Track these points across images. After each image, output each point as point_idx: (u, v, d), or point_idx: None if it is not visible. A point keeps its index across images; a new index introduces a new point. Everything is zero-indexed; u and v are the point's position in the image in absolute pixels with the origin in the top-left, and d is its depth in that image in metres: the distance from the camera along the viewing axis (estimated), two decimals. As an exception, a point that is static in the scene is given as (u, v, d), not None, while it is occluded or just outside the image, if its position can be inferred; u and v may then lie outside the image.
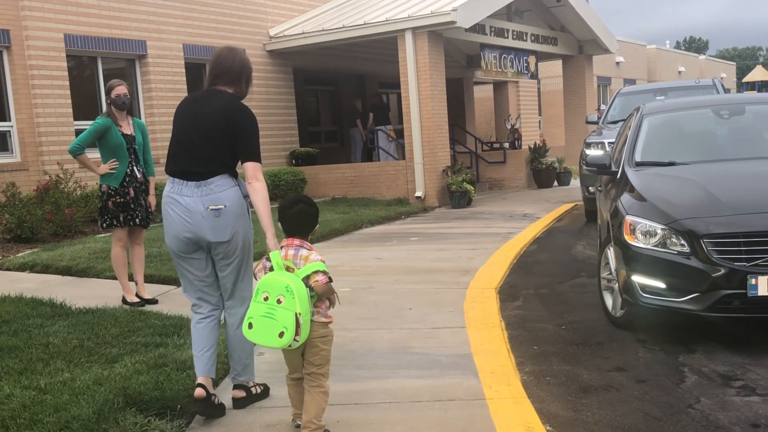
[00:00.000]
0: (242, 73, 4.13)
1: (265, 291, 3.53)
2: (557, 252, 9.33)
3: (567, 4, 18.09)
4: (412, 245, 9.95)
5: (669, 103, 7.41)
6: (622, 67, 31.80)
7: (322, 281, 3.54)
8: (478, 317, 6.01)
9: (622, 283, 5.39)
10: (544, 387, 4.48)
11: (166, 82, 14.07)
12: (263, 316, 3.50)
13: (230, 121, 3.95)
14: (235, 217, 3.96)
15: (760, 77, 44.21)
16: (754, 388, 4.27)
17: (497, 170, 18.70)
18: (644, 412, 4.02)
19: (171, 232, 4.02)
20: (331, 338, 3.70)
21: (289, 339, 3.43)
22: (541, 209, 13.41)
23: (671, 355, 4.95)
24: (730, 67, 50.31)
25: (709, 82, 12.62)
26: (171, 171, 4.07)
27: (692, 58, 43.34)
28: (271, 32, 16.14)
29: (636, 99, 13.01)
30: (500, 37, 16.70)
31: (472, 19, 14.44)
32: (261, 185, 3.89)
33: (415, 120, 14.56)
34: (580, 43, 20.01)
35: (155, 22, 13.90)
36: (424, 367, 4.79)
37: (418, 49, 14.36)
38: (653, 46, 36.59)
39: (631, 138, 6.58)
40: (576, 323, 5.91)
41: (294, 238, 3.66)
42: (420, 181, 14.73)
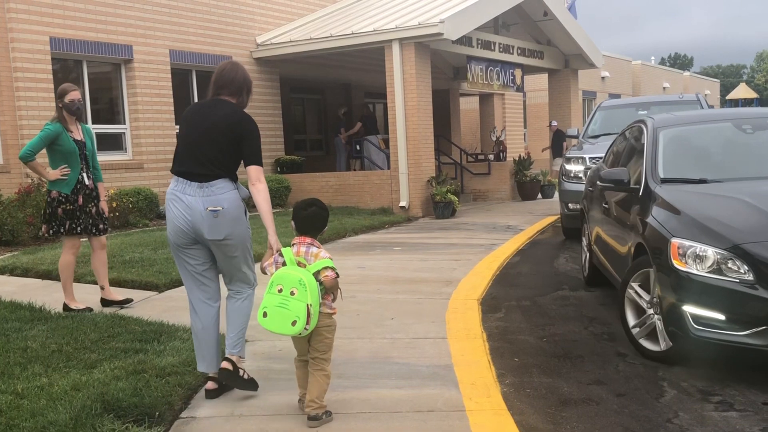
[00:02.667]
0: (243, 86, 4.51)
1: (279, 284, 3.88)
2: (540, 264, 9.35)
3: (554, 18, 18.22)
4: (395, 255, 9.94)
5: (682, 116, 6.91)
6: (608, 81, 32.04)
7: (331, 276, 3.93)
8: (459, 328, 6.01)
9: (667, 314, 4.82)
10: (524, 399, 4.48)
11: (152, 87, 14.03)
12: (277, 306, 3.85)
13: (235, 128, 4.30)
14: (231, 218, 4.27)
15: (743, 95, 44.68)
16: (732, 403, 4.29)
17: (482, 182, 18.76)
18: (623, 426, 4.02)
19: (172, 227, 4.36)
20: (334, 328, 4.08)
21: (300, 327, 3.80)
22: (524, 221, 13.45)
23: (651, 369, 4.97)
24: (714, 84, 50.80)
25: (693, 98, 12.66)
26: (176, 171, 4.38)
27: (677, 75, 43.74)
28: (259, 40, 16.15)
29: (617, 113, 13.05)
30: (487, 50, 16.79)
31: (459, 31, 14.51)
32: (263, 187, 4.27)
33: (400, 130, 14.59)
34: (566, 57, 20.14)
35: (142, 27, 13.86)
36: (404, 377, 4.78)
37: (405, 59, 14.40)
38: (638, 62, 36.91)
39: (650, 152, 6.02)
40: (557, 336, 5.92)
41: (305, 236, 4.06)
42: (404, 191, 14.75)
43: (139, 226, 12.53)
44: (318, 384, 4.00)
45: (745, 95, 44.49)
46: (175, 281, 7.82)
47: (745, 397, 4.37)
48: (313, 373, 4.02)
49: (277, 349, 5.37)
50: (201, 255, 4.42)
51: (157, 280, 7.76)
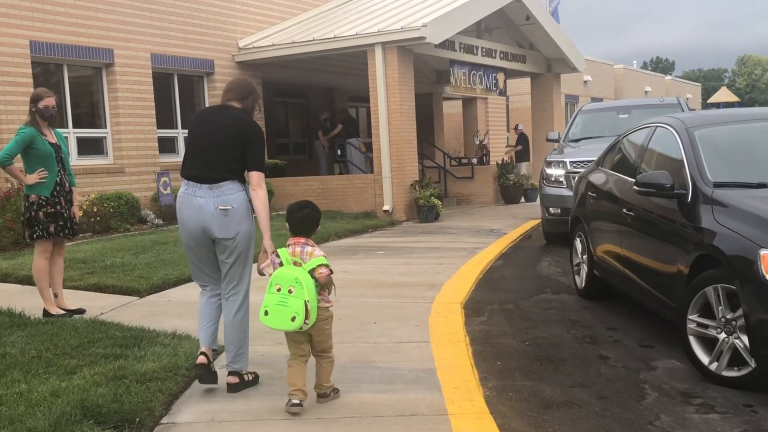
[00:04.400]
0: (248, 90, 4.78)
1: (278, 283, 4.14)
2: (523, 268, 9.37)
3: (536, 22, 18.30)
4: (378, 259, 9.93)
5: (709, 115, 6.45)
6: (590, 85, 32.20)
7: (325, 273, 4.19)
8: (442, 332, 6.01)
9: (758, 333, 4.35)
10: (506, 403, 4.48)
11: (133, 91, 13.95)
12: (277, 305, 4.11)
13: (242, 133, 4.54)
14: (240, 217, 4.51)
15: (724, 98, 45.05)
16: (713, 405, 4.31)
17: (465, 185, 18.79)
18: (605, 429, 4.03)
19: (185, 228, 4.60)
20: (331, 318, 4.37)
21: (300, 322, 4.08)
22: (507, 225, 13.48)
23: (632, 372, 4.98)
24: (696, 88, 51.15)
25: (674, 101, 12.73)
26: (186, 175, 4.61)
27: (659, 79, 44.02)
28: (241, 43, 16.10)
29: (598, 117, 13.10)
30: (470, 54, 16.83)
31: (442, 35, 14.53)
32: (263, 192, 4.53)
33: (384, 134, 14.59)
34: (549, 61, 20.22)
35: (123, 31, 13.78)
36: (387, 381, 4.77)
37: (387, 63, 14.41)
38: (620, 66, 37.12)
39: (690, 154, 5.49)
40: (540, 339, 5.93)
41: (299, 236, 4.30)
42: (388, 194, 14.74)
43: (120, 230, 12.45)
44: (324, 370, 4.36)
45: (726, 99, 44.87)
46: (156, 286, 7.78)
47: (726, 399, 4.39)
48: (319, 361, 4.35)
49: (258, 354, 5.34)
50: (211, 254, 4.65)
51: (138, 285, 7.70)
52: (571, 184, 10.83)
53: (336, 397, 4.41)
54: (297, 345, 4.30)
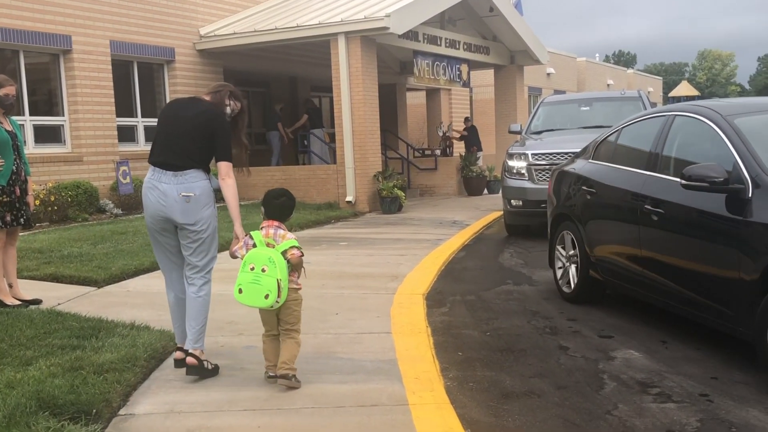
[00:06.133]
0: (220, 85, 4.98)
1: (251, 263, 4.35)
2: (485, 259, 9.42)
3: (499, 14, 18.36)
4: (341, 250, 9.91)
5: (740, 103, 5.91)
6: (553, 78, 32.43)
7: (297, 254, 4.40)
8: (404, 323, 6.01)
9: None
10: (467, 393, 4.50)
11: (92, 79, 13.71)
12: (251, 283, 4.32)
13: (209, 124, 4.69)
14: (202, 205, 4.65)
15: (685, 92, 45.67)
16: (670, 395, 4.37)
17: (428, 177, 18.82)
18: (564, 418, 4.07)
19: (149, 212, 4.73)
20: (300, 301, 4.54)
21: (272, 300, 4.28)
22: (470, 216, 13.53)
23: (591, 362, 5.03)
24: (657, 82, 51.79)
25: (635, 94, 12.86)
26: (153, 162, 4.74)
27: (621, 72, 44.49)
28: (202, 31, 15.91)
29: (560, 109, 13.18)
30: (433, 45, 16.83)
31: (406, 25, 14.51)
32: (232, 182, 4.71)
33: (346, 124, 14.54)
34: (512, 53, 20.32)
35: (81, 17, 13.53)
36: (348, 372, 4.76)
37: (350, 53, 14.35)
38: (583, 59, 37.42)
39: (738, 144, 4.95)
40: (501, 330, 5.96)
41: (273, 220, 4.52)
42: (351, 185, 14.71)
43: (79, 220, 12.25)
44: (289, 349, 4.45)
45: (687, 93, 45.48)
46: (114, 276, 7.68)
47: (683, 389, 4.45)
48: (285, 340, 4.47)
49: (218, 345, 5.30)
50: (175, 238, 4.78)
51: (96, 276, 7.59)
52: (533, 176, 10.91)
53: (297, 385, 4.44)
54: (270, 322, 4.53)
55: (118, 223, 11.88)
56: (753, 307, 4.45)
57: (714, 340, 5.38)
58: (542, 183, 10.74)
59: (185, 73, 15.60)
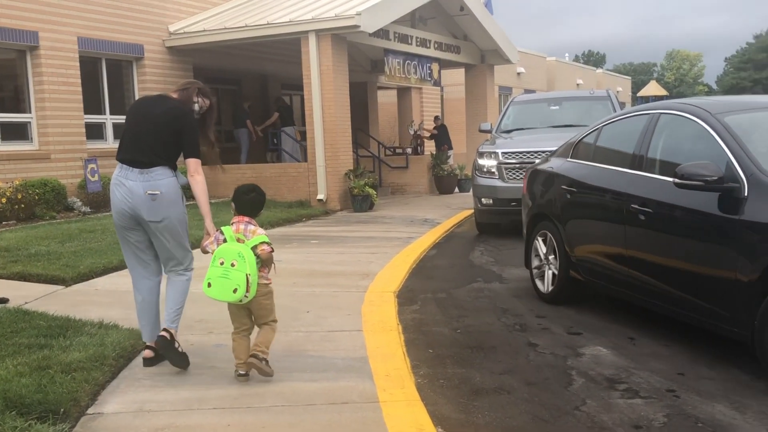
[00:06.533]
0: (188, 83, 5.01)
1: (221, 257, 4.38)
2: (455, 257, 9.46)
3: (470, 13, 18.42)
4: (312, 248, 9.89)
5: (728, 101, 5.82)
6: (523, 77, 32.61)
7: (267, 250, 4.45)
8: (375, 321, 6.02)
9: None
10: (437, 390, 4.52)
11: (60, 75, 13.53)
12: (220, 277, 4.35)
13: (176, 122, 4.71)
14: (168, 202, 4.67)
15: (653, 92, 46.18)
16: (638, 390, 4.43)
17: (400, 175, 18.85)
18: (533, 414, 4.10)
19: (116, 210, 4.75)
20: (272, 294, 4.62)
21: (240, 294, 4.31)
22: (441, 215, 13.58)
23: (560, 358, 5.08)
24: (626, 81, 52.28)
25: (604, 93, 12.99)
26: (120, 159, 4.75)
27: (590, 72, 44.84)
28: (171, 28, 15.77)
29: (530, 108, 13.27)
30: (404, 43, 16.85)
31: (376, 24, 14.50)
32: (201, 178, 4.74)
33: (317, 122, 14.51)
34: (483, 52, 20.40)
35: (49, 13, 13.35)
36: (319, 370, 4.76)
37: (321, 51, 14.31)
38: (553, 58, 37.67)
39: (730, 142, 4.87)
40: (471, 327, 5.99)
41: (244, 216, 4.55)
42: (322, 183, 14.68)
43: (46, 218, 12.09)
44: (266, 335, 4.56)
45: (656, 92, 45.99)
46: (82, 275, 7.59)
47: (650, 385, 4.51)
48: (262, 327, 4.58)
49: (189, 343, 5.26)
50: (142, 235, 4.79)
51: (63, 274, 7.50)
52: (503, 174, 10.97)
53: (267, 369, 4.49)
54: (239, 319, 4.56)
55: (86, 221, 11.75)
56: (750, 308, 4.37)
57: (681, 337, 5.45)
58: (512, 181, 10.81)
59: (154, 71, 15.46)
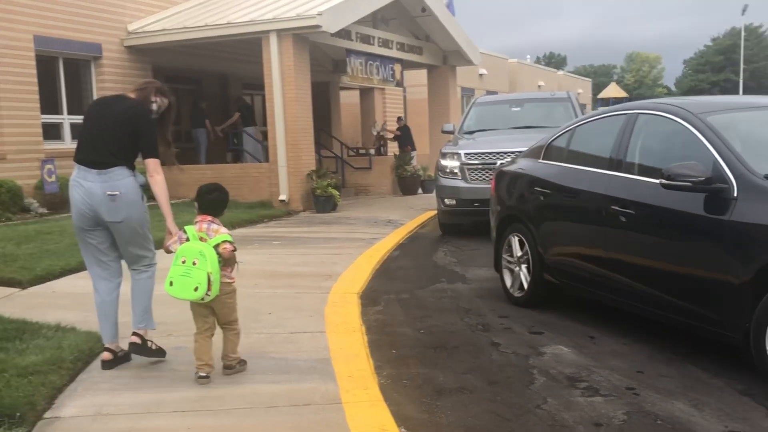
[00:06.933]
0: (146, 82, 5.04)
1: (183, 256, 4.40)
2: (419, 258, 9.47)
3: (432, 14, 18.46)
4: (274, 249, 9.83)
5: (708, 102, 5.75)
6: (486, 78, 32.79)
7: (229, 249, 4.48)
8: (338, 322, 5.99)
9: None
10: (400, 390, 4.52)
11: (15, 75, 13.25)
12: (181, 276, 4.36)
13: (133, 122, 4.71)
14: (128, 202, 4.66)
15: (613, 94, 46.83)
16: (598, 389, 4.47)
17: (363, 176, 18.83)
18: (495, 413, 4.12)
19: (75, 210, 4.72)
20: (234, 293, 4.65)
21: (202, 293, 4.33)
22: (405, 216, 13.58)
23: (522, 357, 5.11)
24: (587, 83, 52.87)
25: (564, 95, 13.14)
26: (78, 159, 4.73)
27: (551, 73, 45.25)
28: (130, 27, 15.56)
29: (492, 109, 13.35)
30: (366, 44, 16.83)
31: (338, 24, 14.47)
32: (161, 179, 4.74)
33: (279, 122, 14.43)
34: (445, 53, 20.46)
35: (4, 11, 13.06)
36: (281, 372, 4.72)
37: (282, 51, 14.24)
38: (514, 60, 37.94)
39: (716, 143, 4.81)
40: (434, 327, 6.00)
41: (207, 215, 4.57)
42: (284, 184, 14.59)
43: (2, 220, 11.85)
44: (230, 341, 4.64)
45: (615, 94, 46.64)
46: (39, 277, 7.46)
47: (610, 383, 4.55)
48: (225, 334, 4.62)
49: (148, 346, 5.19)
50: (102, 236, 4.77)
51: (20, 276, 7.36)
52: (466, 175, 11.01)
53: (242, 369, 4.67)
54: (202, 319, 4.55)
55: (43, 222, 11.54)
56: (743, 310, 4.33)
57: (640, 335, 5.52)
58: (475, 182, 10.86)
59: (113, 70, 15.24)
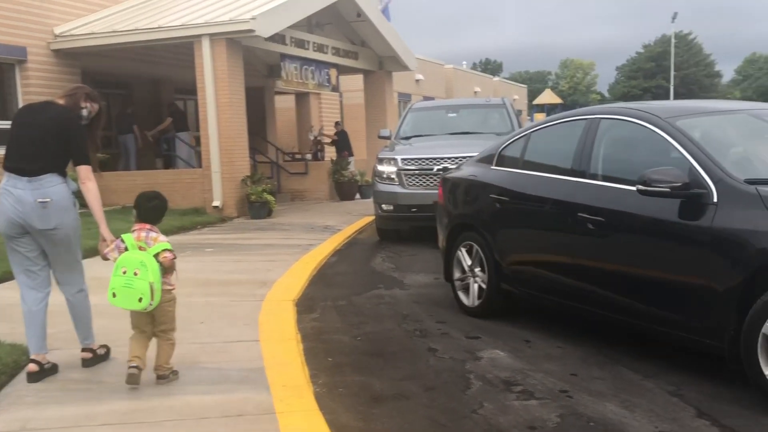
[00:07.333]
0: (74, 88, 4.99)
1: (123, 266, 4.38)
2: (357, 264, 9.42)
3: (367, 20, 18.46)
4: (207, 256, 9.66)
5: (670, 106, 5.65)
6: (422, 84, 32.98)
7: (169, 257, 4.47)
8: (273, 330, 5.91)
9: None
10: (336, 398, 4.46)
11: (-64, 78, 12.78)
12: (124, 287, 4.35)
13: (64, 129, 4.67)
14: (60, 209, 4.61)
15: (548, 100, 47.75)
16: (533, 392, 4.49)
17: (299, 181, 18.69)
18: (431, 419, 4.10)
19: (5, 218, 4.63)
20: (174, 301, 4.62)
21: (146, 303, 4.34)
22: (342, 221, 13.51)
23: (459, 363, 5.10)
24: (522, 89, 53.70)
25: (500, 101, 13.28)
26: (7, 167, 4.64)
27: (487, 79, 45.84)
28: (57, 30, 15.11)
29: (428, 115, 13.41)
30: (301, 48, 16.73)
31: (272, 28, 14.35)
32: (93, 185, 4.72)
33: (212, 128, 14.20)
34: (381, 59, 20.49)
35: None
36: (213, 382, 4.62)
37: (215, 55, 14.03)
38: (451, 66, 38.26)
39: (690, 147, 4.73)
40: (371, 334, 5.96)
41: (145, 223, 4.54)
42: (218, 190, 14.37)
43: None
44: (165, 352, 4.60)
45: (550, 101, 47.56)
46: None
47: (544, 386, 4.58)
48: (161, 343, 4.59)
49: (75, 357, 5.03)
50: (30, 245, 4.69)
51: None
52: (403, 181, 11.01)
53: (175, 378, 4.63)
54: (140, 325, 4.57)
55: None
56: (727, 317, 4.25)
57: (574, 338, 5.58)
58: (412, 188, 10.88)
59: (39, 74, 14.79)
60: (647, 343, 5.23)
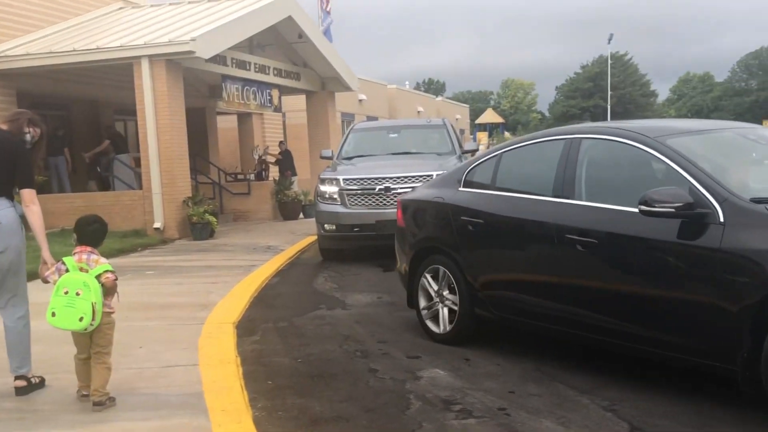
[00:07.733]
0: (17, 114, 5.09)
1: (65, 287, 4.44)
2: (299, 284, 9.40)
3: (308, 41, 18.52)
4: (147, 279, 9.53)
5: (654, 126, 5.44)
6: (365, 104, 33.13)
7: (111, 278, 4.56)
8: (212, 354, 5.86)
9: None
10: (275, 422, 4.45)
11: None
12: (65, 306, 4.40)
13: (9, 153, 4.75)
14: (9, 232, 4.70)
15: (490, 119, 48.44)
16: (471, 410, 4.53)
17: (242, 202, 18.58)
18: (371, 441, 4.11)
19: None
20: (113, 325, 4.68)
21: (87, 323, 4.39)
22: (285, 241, 13.46)
23: (399, 383, 5.13)
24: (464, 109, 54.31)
25: (440, 122, 13.45)
26: None
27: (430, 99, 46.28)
28: (-8, 51, 14.83)
29: (370, 135, 13.51)
30: (242, 69, 16.69)
31: (212, 50, 14.29)
32: (37, 208, 4.80)
33: (153, 149, 14.05)
34: (323, 79, 20.55)
35: None
36: (151, 408, 4.57)
37: (155, 77, 13.91)
38: (393, 86, 38.54)
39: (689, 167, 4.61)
40: (312, 356, 5.95)
41: (86, 246, 4.62)
42: (159, 212, 14.20)
43: None
44: (100, 376, 4.57)
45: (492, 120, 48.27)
46: None
47: (483, 404, 4.63)
48: (96, 366, 4.58)
49: (9, 386, 4.91)
50: None
51: None
52: (345, 200, 11.03)
53: (112, 404, 4.59)
54: (82, 346, 4.64)
55: None
56: (739, 339, 4.10)
57: (513, 356, 5.65)
58: (354, 207, 10.91)
59: (-28, 95, 14.46)
60: (585, 358, 5.34)
